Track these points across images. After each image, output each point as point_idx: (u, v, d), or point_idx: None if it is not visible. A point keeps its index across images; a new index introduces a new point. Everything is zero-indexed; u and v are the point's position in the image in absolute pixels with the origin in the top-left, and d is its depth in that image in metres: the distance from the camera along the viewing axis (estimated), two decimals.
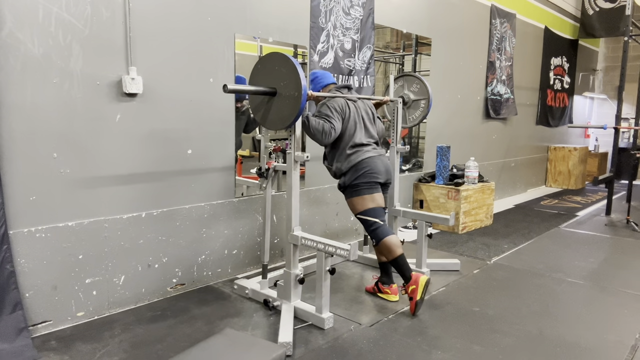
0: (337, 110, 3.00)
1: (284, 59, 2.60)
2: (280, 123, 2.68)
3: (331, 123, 2.93)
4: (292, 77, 2.56)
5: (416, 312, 2.88)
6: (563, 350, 2.52)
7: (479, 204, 5.18)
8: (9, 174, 2.41)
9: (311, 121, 2.87)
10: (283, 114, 2.64)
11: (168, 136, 3.04)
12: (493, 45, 6.35)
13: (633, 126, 6.73)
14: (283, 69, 2.60)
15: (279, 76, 2.63)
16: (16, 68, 2.38)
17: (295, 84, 2.55)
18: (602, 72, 10.07)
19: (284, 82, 2.61)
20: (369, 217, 3.01)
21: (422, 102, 3.87)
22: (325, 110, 2.99)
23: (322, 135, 2.90)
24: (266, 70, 2.70)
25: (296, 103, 2.55)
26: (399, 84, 3.96)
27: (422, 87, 3.85)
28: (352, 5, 4.17)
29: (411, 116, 3.94)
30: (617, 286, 3.48)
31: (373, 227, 3.00)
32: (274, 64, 2.65)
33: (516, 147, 7.41)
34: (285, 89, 2.61)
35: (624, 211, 5.78)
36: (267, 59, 2.71)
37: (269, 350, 2.11)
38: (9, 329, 2.35)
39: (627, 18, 5.86)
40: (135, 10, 2.79)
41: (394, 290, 3.15)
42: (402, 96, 3.88)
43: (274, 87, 2.66)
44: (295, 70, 2.54)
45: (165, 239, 3.08)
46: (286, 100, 2.61)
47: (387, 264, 3.13)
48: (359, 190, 3.01)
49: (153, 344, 2.50)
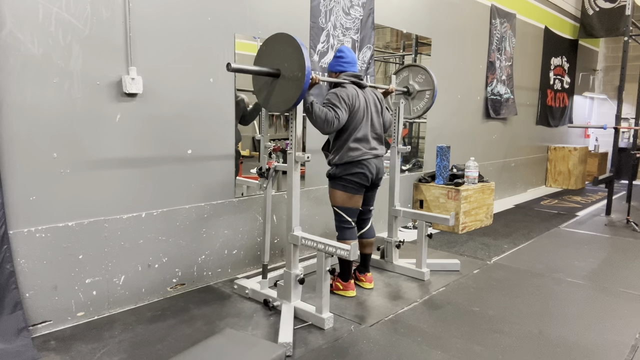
0: (346, 100, 2.93)
1: (289, 39, 2.55)
2: (282, 105, 2.63)
3: (336, 112, 2.86)
4: (296, 57, 2.50)
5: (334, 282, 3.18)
6: (563, 350, 2.52)
7: (479, 204, 5.17)
8: (9, 173, 2.41)
9: (315, 107, 2.80)
10: (286, 96, 2.59)
11: (168, 136, 3.04)
12: (493, 45, 6.35)
13: (633, 126, 6.73)
14: (288, 48, 2.55)
15: (283, 57, 2.58)
16: (16, 68, 2.38)
17: (299, 64, 2.49)
18: (602, 72, 10.07)
19: (287, 63, 2.56)
20: (344, 215, 3.10)
21: (427, 92, 3.82)
22: (333, 99, 2.92)
23: (324, 123, 2.84)
24: (271, 51, 2.65)
25: (299, 84, 2.50)
26: (403, 74, 3.91)
27: (428, 77, 3.80)
28: (352, 5, 4.17)
29: (415, 107, 3.90)
30: (617, 286, 3.48)
31: (345, 225, 3.11)
32: (279, 45, 2.60)
33: (516, 147, 7.41)
34: (288, 70, 2.56)
35: (624, 211, 5.77)
36: (272, 40, 2.66)
37: (269, 350, 2.11)
38: (9, 329, 2.35)
39: (627, 18, 5.86)
40: (135, 10, 2.79)
41: (368, 278, 3.35)
42: (407, 87, 3.85)
43: (277, 69, 2.61)
44: (299, 50, 2.48)
45: (165, 239, 3.08)
46: (289, 82, 2.56)
47: (367, 255, 3.36)
48: (345, 187, 3.05)
49: (153, 344, 2.50)
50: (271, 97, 2.69)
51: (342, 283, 3.19)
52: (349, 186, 3.04)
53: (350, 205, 3.09)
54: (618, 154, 6.13)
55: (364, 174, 3.04)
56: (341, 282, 3.19)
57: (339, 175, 3.04)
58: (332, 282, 3.20)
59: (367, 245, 3.36)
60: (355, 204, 3.11)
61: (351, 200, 3.08)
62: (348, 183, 3.04)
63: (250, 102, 3.58)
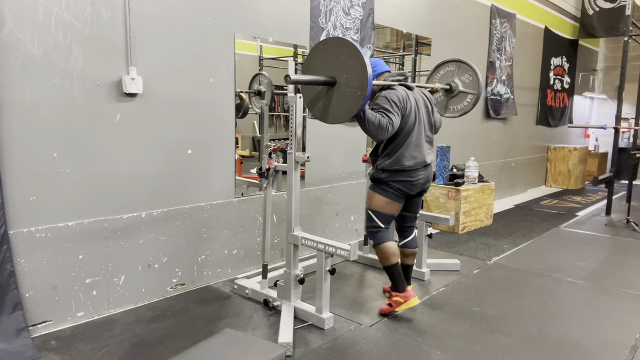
0: (397, 103, 2.71)
1: (354, 51, 2.37)
2: (344, 116, 2.49)
3: (389, 118, 2.64)
4: (357, 73, 2.36)
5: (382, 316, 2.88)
6: (563, 350, 2.52)
7: (479, 204, 5.17)
8: (9, 173, 2.41)
9: (367, 114, 2.58)
10: (346, 106, 2.45)
11: (168, 136, 3.04)
12: (493, 45, 6.35)
13: (633, 126, 6.73)
14: (349, 60, 2.39)
15: (341, 66, 2.42)
16: (16, 68, 2.38)
17: (361, 83, 2.35)
18: (602, 72, 10.06)
19: (347, 75, 2.41)
20: (376, 219, 2.90)
21: (469, 97, 3.57)
22: (384, 103, 2.69)
23: (378, 130, 2.61)
24: (327, 55, 2.49)
25: (357, 102, 2.38)
26: (450, 67, 3.65)
27: (474, 81, 3.55)
28: (352, 5, 4.17)
29: (452, 106, 3.65)
30: (617, 286, 3.47)
31: (376, 230, 2.91)
32: (339, 52, 2.43)
33: (516, 147, 7.41)
34: (346, 83, 2.42)
35: (624, 211, 5.77)
36: (331, 43, 2.51)
37: (269, 350, 2.10)
38: (9, 329, 2.35)
39: (627, 18, 5.85)
40: (135, 10, 2.79)
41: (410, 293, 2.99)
42: (450, 84, 3.61)
43: (332, 76, 2.47)
44: (364, 67, 2.32)
45: (165, 239, 3.08)
46: (345, 96, 2.43)
47: (408, 266, 3.08)
48: (386, 191, 2.85)
49: (153, 344, 2.50)
50: (329, 108, 2.53)
51: (400, 295, 2.85)
52: (390, 191, 2.84)
53: (386, 211, 2.89)
54: (618, 154, 6.13)
55: (412, 182, 2.84)
56: (399, 295, 2.85)
57: (384, 179, 2.84)
58: (390, 301, 2.89)
59: (409, 255, 3.11)
60: (392, 211, 2.90)
61: (388, 207, 2.88)
62: (390, 188, 2.84)
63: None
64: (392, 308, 2.86)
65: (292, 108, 2.73)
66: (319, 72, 2.53)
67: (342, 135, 4.25)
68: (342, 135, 4.25)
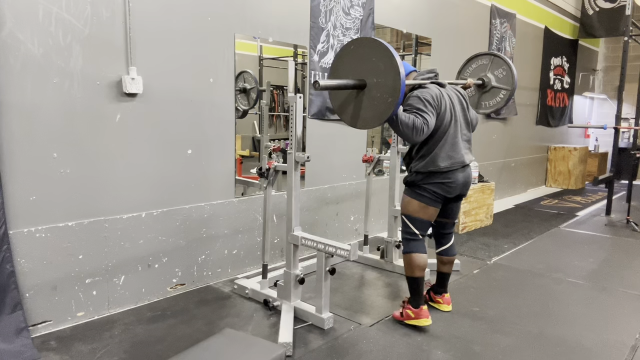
0: (431, 102, 2.56)
1: (387, 55, 2.26)
2: (376, 121, 2.40)
3: (424, 118, 2.50)
4: (390, 78, 2.25)
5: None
6: (563, 350, 2.52)
7: (479, 204, 5.17)
8: (9, 173, 2.41)
9: (400, 116, 2.45)
10: (378, 110, 2.34)
11: (168, 136, 3.04)
12: (493, 45, 6.35)
13: (633, 126, 6.73)
14: (381, 64, 2.28)
15: (372, 69, 2.31)
16: (16, 68, 2.38)
17: (393, 89, 2.25)
18: (602, 72, 10.07)
19: (377, 79, 2.30)
20: (411, 225, 2.76)
21: (502, 92, 3.41)
22: (417, 103, 2.55)
23: (412, 131, 2.48)
24: (357, 55, 2.38)
25: (387, 108, 2.28)
26: (483, 61, 3.50)
27: (509, 76, 3.38)
28: (352, 5, 4.17)
29: (484, 102, 3.50)
30: (617, 286, 3.48)
31: (411, 237, 2.77)
32: (371, 53, 2.32)
33: (516, 147, 7.41)
34: (377, 87, 2.32)
35: (624, 211, 5.77)
36: (362, 43, 2.39)
37: (269, 350, 2.10)
38: (9, 329, 2.35)
39: (627, 18, 5.85)
40: (135, 10, 2.79)
41: (446, 300, 2.98)
42: (483, 79, 3.46)
43: (362, 79, 2.36)
44: (397, 72, 2.21)
45: (165, 239, 3.08)
46: (375, 101, 2.33)
47: (445, 274, 2.99)
48: (421, 195, 2.71)
49: (153, 344, 2.50)
50: (360, 113, 2.42)
51: (414, 310, 2.72)
52: (425, 195, 2.69)
53: (421, 217, 2.73)
54: (618, 154, 6.13)
55: (449, 184, 2.69)
56: (412, 310, 2.72)
57: (419, 182, 2.70)
58: (402, 310, 2.80)
59: (447, 263, 2.97)
60: (428, 216, 2.75)
61: (423, 211, 2.73)
62: (425, 192, 2.69)
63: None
64: (403, 319, 2.78)
65: (292, 108, 2.73)
66: (348, 73, 2.43)
67: (342, 135, 4.25)
68: (342, 135, 4.25)
